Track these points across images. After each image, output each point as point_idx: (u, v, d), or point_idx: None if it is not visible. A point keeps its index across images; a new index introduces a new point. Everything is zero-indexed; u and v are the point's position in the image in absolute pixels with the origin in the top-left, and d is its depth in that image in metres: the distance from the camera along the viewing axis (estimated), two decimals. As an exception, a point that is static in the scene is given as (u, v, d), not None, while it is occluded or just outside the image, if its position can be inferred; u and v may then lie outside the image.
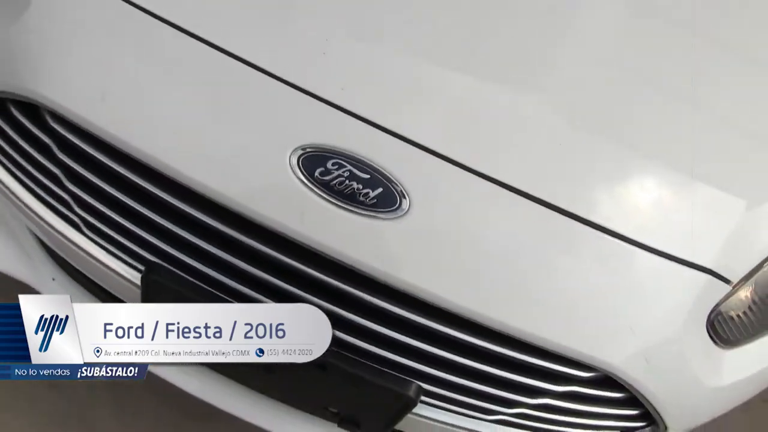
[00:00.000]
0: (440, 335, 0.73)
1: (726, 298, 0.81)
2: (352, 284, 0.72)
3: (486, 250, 0.71)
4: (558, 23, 0.84)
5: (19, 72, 0.72)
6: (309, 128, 0.70)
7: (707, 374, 0.83)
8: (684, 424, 0.88)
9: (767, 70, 0.91)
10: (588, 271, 0.74)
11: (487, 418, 0.85)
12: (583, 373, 0.76)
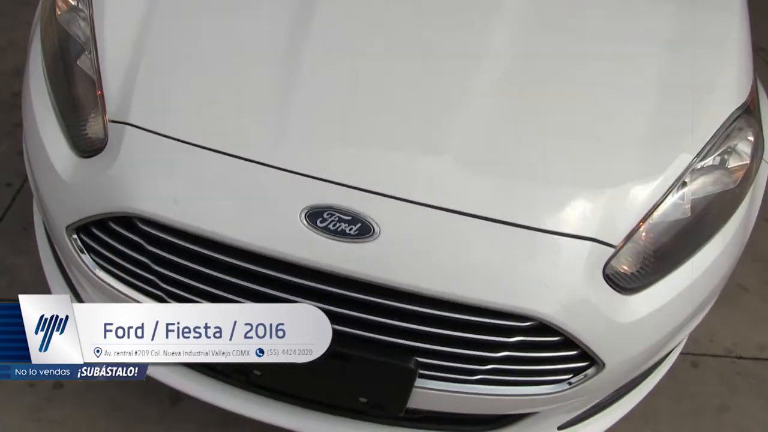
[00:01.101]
0: (412, 313, 1.10)
1: (613, 257, 1.18)
2: (346, 289, 1.09)
3: (433, 247, 1.10)
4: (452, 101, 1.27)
5: (118, 198, 1.14)
6: (308, 196, 1.11)
7: (617, 314, 1.18)
8: (615, 359, 1.21)
9: (606, 100, 1.33)
10: (509, 252, 1.12)
11: (470, 378, 1.19)
12: (522, 323, 1.12)
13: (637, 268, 1.22)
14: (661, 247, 1.25)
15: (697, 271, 1.27)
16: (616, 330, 1.18)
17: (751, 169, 1.40)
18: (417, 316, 1.11)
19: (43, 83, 1.35)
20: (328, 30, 1.31)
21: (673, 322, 1.27)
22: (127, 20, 1.31)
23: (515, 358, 1.17)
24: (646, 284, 1.22)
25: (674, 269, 1.25)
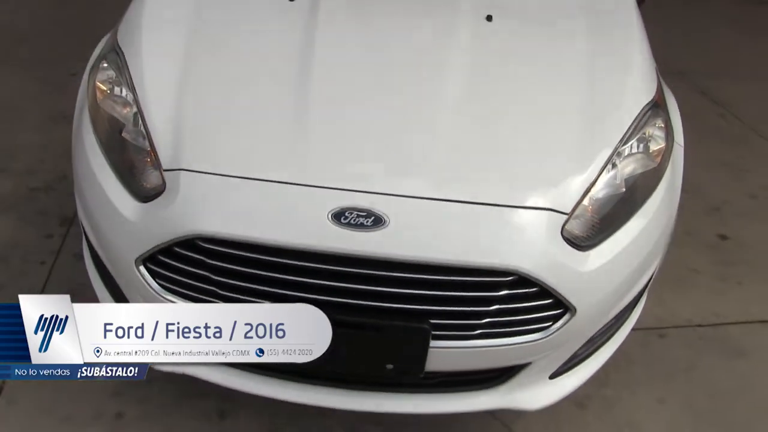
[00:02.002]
0: (422, 281, 1.45)
1: (567, 222, 1.56)
2: (369, 269, 1.44)
3: (430, 227, 1.46)
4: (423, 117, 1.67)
5: (183, 225, 1.47)
6: (331, 202, 1.47)
7: (577, 266, 1.54)
8: (582, 303, 1.56)
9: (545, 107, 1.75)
10: (489, 224, 1.49)
11: (472, 334, 1.53)
12: (505, 278, 1.47)
13: (588, 232, 1.60)
14: (605, 215, 1.63)
15: (635, 231, 1.66)
16: (579, 278, 1.54)
17: (667, 150, 1.82)
18: (425, 283, 1.46)
19: (98, 150, 1.70)
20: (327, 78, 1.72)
21: (625, 270, 1.64)
22: (165, 95, 1.69)
23: (505, 310, 1.51)
24: (598, 242, 1.60)
25: (618, 230, 1.63)
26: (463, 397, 1.70)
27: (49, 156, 3.06)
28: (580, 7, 2.11)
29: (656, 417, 2.09)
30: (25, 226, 2.61)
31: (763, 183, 3.45)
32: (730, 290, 2.67)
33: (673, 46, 5.22)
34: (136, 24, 1.89)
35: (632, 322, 1.93)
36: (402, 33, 1.92)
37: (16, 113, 3.39)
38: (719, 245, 2.94)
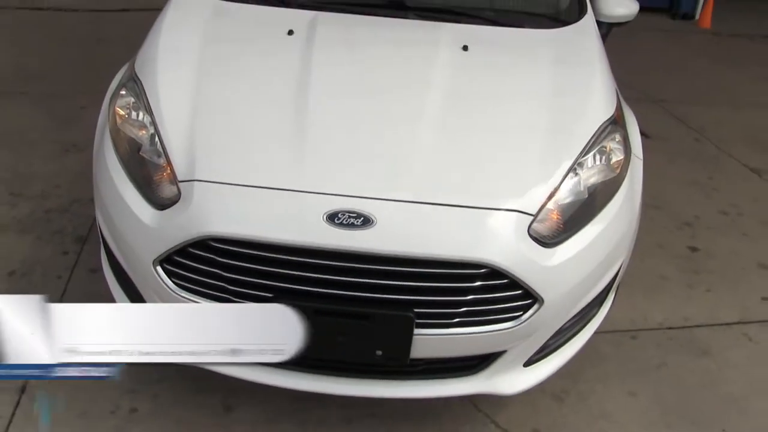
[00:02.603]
0: (407, 274, 1.67)
1: (533, 223, 1.79)
2: (358, 263, 1.66)
3: (413, 226, 1.69)
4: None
5: (197, 227, 1.69)
6: (326, 206, 1.69)
7: (543, 261, 1.76)
8: (549, 294, 1.77)
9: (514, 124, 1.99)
10: (465, 223, 1.71)
11: (452, 322, 1.74)
12: (479, 270, 1.69)
13: (553, 232, 1.82)
14: (568, 218, 1.86)
15: (596, 231, 1.89)
16: (545, 272, 1.76)
17: (625, 161, 2.06)
18: (409, 275, 1.68)
19: (119, 167, 1.93)
20: (322, 100, 1.97)
21: (587, 266, 1.86)
22: (179, 117, 1.93)
23: (480, 300, 1.73)
24: (562, 241, 1.82)
25: (580, 230, 1.86)
26: (446, 383, 1.90)
27: (62, 182, 3.29)
28: (547, 39, 2.37)
29: (628, 409, 2.29)
30: (43, 245, 2.83)
31: (733, 200, 3.69)
32: (699, 296, 2.88)
33: (653, 75, 5.54)
34: (152, 56, 2.14)
35: (600, 319, 2.13)
36: (388, 61, 2.18)
37: (31, 144, 3.62)
38: (690, 256, 3.16)
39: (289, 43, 2.18)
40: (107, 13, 6.10)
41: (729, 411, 2.31)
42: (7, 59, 4.78)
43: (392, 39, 2.31)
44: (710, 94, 5.32)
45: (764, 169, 4.09)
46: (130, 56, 2.54)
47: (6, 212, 3.02)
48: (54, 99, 4.19)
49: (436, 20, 2.38)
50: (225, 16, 2.36)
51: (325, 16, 2.33)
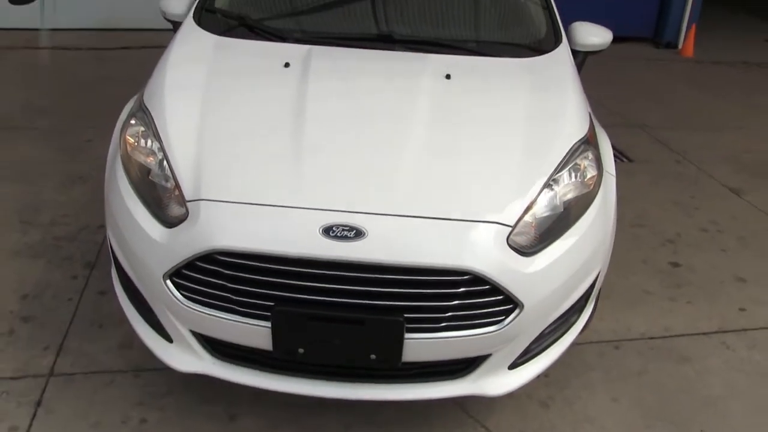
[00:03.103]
0: (397, 281, 1.82)
1: (511, 234, 1.95)
2: (351, 272, 1.82)
3: (401, 237, 1.85)
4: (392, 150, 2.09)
5: (203, 242, 1.85)
6: (321, 220, 1.86)
7: (522, 268, 1.92)
8: (529, 300, 1.93)
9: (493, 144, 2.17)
10: (449, 234, 1.87)
11: (439, 326, 1.89)
12: (463, 277, 1.85)
13: (531, 242, 1.99)
14: (545, 230, 2.03)
15: (571, 241, 2.05)
16: (524, 278, 1.92)
17: (598, 178, 2.23)
18: (399, 283, 1.84)
19: (131, 190, 2.10)
20: (316, 126, 2.15)
21: (563, 274, 2.01)
22: (186, 143, 2.10)
23: (464, 305, 1.88)
24: (539, 250, 1.98)
25: (556, 240, 2.02)
26: (437, 385, 2.04)
27: (70, 211, 3.45)
28: (524, 67, 2.57)
29: (611, 413, 2.42)
30: (53, 270, 2.98)
31: (712, 218, 3.86)
32: (680, 308, 3.03)
33: (637, 102, 5.78)
34: (160, 88, 2.33)
35: (580, 326, 2.28)
36: (377, 90, 2.37)
37: (40, 175, 3.80)
38: (671, 271, 3.32)
39: (286, 75, 2.37)
40: (109, 51, 6.35)
41: (707, 412, 2.45)
42: (15, 96, 4.99)
43: (381, 69, 2.50)
44: (692, 119, 5.55)
45: (743, 189, 4.27)
46: (132, 92, 2.73)
47: (18, 239, 3.18)
48: (61, 133, 4.39)
49: (421, 51, 2.58)
50: (226, 51, 2.56)
51: (319, 50, 2.53)
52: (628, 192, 4.02)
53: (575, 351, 2.65)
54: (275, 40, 2.63)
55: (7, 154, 4.05)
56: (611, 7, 7.56)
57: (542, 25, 2.93)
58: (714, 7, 9.37)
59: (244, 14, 2.81)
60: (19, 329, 2.61)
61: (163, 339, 2.10)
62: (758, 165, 4.67)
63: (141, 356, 2.48)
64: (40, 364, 2.44)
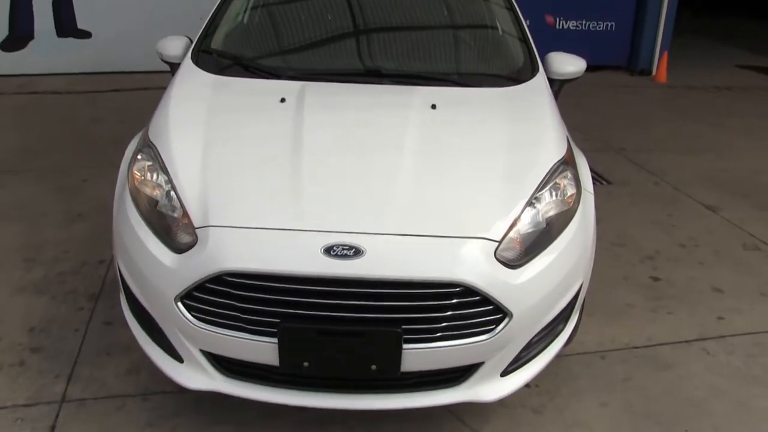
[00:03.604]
0: (396, 295, 1.98)
1: (498, 248, 2.12)
2: (351, 287, 1.97)
3: (398, 254, 2.01)
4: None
5: (213, 265, 2.00)
6: (322, 241, 2.01)
7: (510, 279, 2.08)
8: (517, 309, 2.09)
9: (479, 167, 2.35)
10: (441, 249, 2.04)
11: (434, 336, 2.04)
12: (455, 289, 2.01)
13: (517, 255, 2.15)
14: (529, 244, 2.20)
15: (554, 254, 2.22)
16: (511, 289, 2.08)
17: (577, 195, 2.42)
18: (395, 296, 1.99)
19: (140, 220, 2.25)
20: (314, 155, 2.32)
21: (548, 285, 2.18)
22: (192, 175, 2.26)
23: (457, 315, 2.03)
24: (525, 263, 2.15)
25: (540, 254, 2.19)
26: (434, 393, 2.18)
27: (72, 247, 3.58)
28: (505, 96, 2.78)
29: (600, 417, 2.56)
30: (58, 303, 3.10)
31: (690, 235, 4.06)
32: (661, 319, 3.20)
33: (614, 127, 6.03)
34: (164, 125, 2.50)
35: (566, 335, 2.44)
36: (368, 121, 2.56)
37: (40, 215, 3.94)
38: (652, 285, 3.49)
39: (283, 109, 2.55)
40: (100, 93, 6.54)
41: (690, 413, 2.60)
42: (11, 140, 5.14)
43: (371, 102, 2.70)
44: (667, 141, 5.80)
45: (719, 206, 4.49)
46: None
47: (22, 276, 3.31)
48: (58, 174, 4.54)
49: (407, 84, 2.78)
50: (225, 89, 2.74)
51: (312, 86, 2.72)
52: (608, 213, 4.23)
53: (563, 362, 2.81)
54: (270, 77, 2.82)
55: (6, 195, 4.19)
56: (587, 37, 7.90)
57: (520, 57, 3.15)
58: (687, 35, 9.77)
59: (239, 54, 3.00)
60: (29, 360, 2.72)
61: (174, 360, 2.23)
62: (732, 183, 4.90)
63: (149, 380, 2.61)
64: (52, 391, 2.55)
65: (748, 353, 2.97)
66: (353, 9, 3.26)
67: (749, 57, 9.51)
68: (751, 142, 5.87)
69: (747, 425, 2.56)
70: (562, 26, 7.99)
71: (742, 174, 5.09)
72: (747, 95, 7.56)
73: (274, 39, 3.19)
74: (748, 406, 2.65)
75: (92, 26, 6.96)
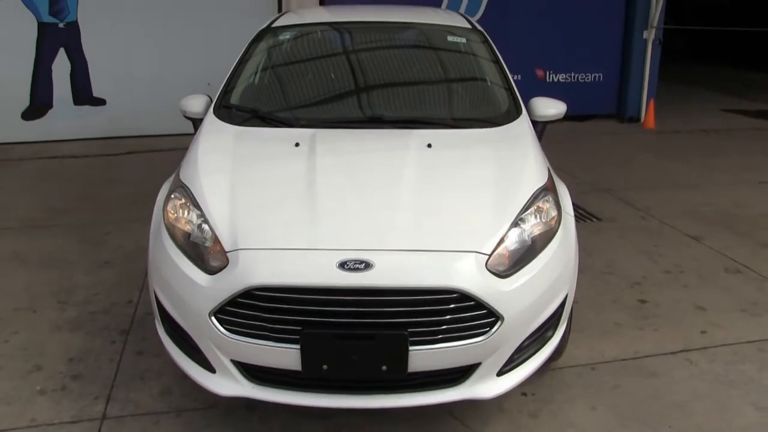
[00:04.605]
0: (402, 303, 2.33)
1: (488, 260, 2.48)
2: (364, 296, 2.33)
3: (404, 266, 2.38)
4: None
5: (243, 282, 2.36)
6: (337, 258, 2.37)
7: (500, 287, 2.44)
8: (508, 313, 2.43)
9: (469, 194, 2.74)
10: (440, 262, 2.40)
11: (436, 338, 2.38)
12: (452, 295, 2.36)
13: (506, 267, 2.52)
14: (516, 260, 2.56)
15: (538, 267, 2.58)
16: (502, 295, 2.42)
17: (558, 216, 2.79)
18: (402, 303, 2.34)
19: (176, 250, 2.62)
20: (326, 190, 2.72)
21: (534, 293, 2.52)
22: (222, 209, 2.64)
23: (455, 319, 2.38)
24: (512, 273, 2.51)
25: (526, 265, 2.55)
26: (437, 392, 2.49)
27: (101, 290, 3.94)
28: (492, 135, 3.21)
29: (590, 419, 2.86)
30: (93, 338, 3.43)
31: (675, 262, 4.41)
32: (648, 335, 3.52)
33: (604, 170, 6.45)
34: (194, 170, 2.90)
35: (555, 342, 2.76)
36: (372, 160, 2.97)
37: (69, 263, 4.31)
38: (639, 307, 3.83)
39: (297, 153, 2.96)
40: (115, 156, 7.00)
41: (674, 413, 2.89)
42: (36, 200, 5.56)
43: (374, 144, 3.11)
44: (654, 180, 6.20)
45: (702, 236, 4.85)
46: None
47: (57, 316, 3.65)
48: (82, 228, 4.93)
49: (405, 128, 3.20)
50: (246, 137, 3.17)
51: (322, 132, 3.15)
52: (597, 246, 4.60)
53: (557, 374, 3.13)
54: (285, 126, 3.25)
55: (36, 247, 4.57)
56: (577, 88, 8.44)
57: (505, 102, 3.58)
58: (675, 83, 10.34)
59: (256, 108, 3.45)
60: (69, 385, 3.04)
61: (207, 371, 2.56)
62: (716, 215, 5.28)
63: (181, 400, 2.93)
64: (92, 410, 2.87)
65: (727, 361, 3.29)
66: (355, 65, 3.72)
67: (735, 101, 10.03)
68: (734, 177, 6.27)
69: (726, 421, 2.85)
70: (552, 79, 8.52)
71: (725, 207, 5.47)
72: (732, 136, 8.02)
73: (286, 94, 3.65)
74: (727, 405, 2.95)
75: (106, 94, 7.48)
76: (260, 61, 3.79)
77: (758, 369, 3.22)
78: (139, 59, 7.38)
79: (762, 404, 2.96)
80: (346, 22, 4.15)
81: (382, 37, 3.99)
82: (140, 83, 7.40)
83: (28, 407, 2.89)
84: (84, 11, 7.17)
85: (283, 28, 4.03)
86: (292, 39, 3.94)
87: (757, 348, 3.41)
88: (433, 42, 3.95)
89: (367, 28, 4.04)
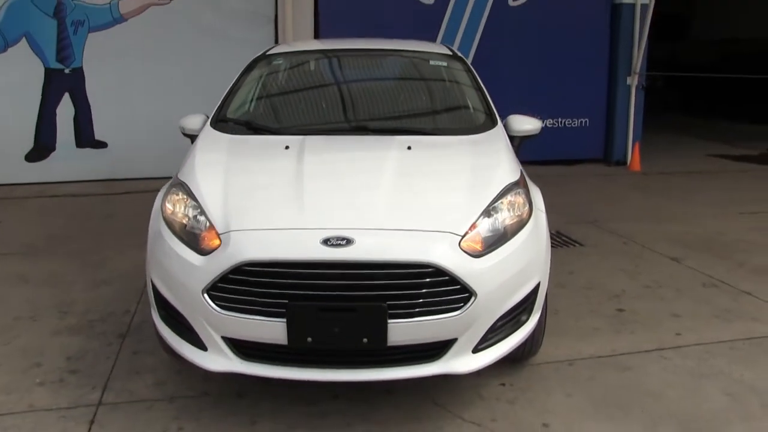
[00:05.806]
0: (381, 276, 2.56)
1: (461, 240, 2.72)
2: (345, 269, 2.56)
3: (382, 243, 2.61)
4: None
5: (234, 258, 2.59)
6: (321, 236, 2.61)
7: (473, 265, 2.66)
8: (481, 290, 2.65)
9: (445, 184, 3.02)
10: (416, 239, 2.65)
11: (413, 311, 2.59)
12: (428, 269, 2.59)
13: (478, 248, 2.75)
14: (489, 245, 2.80)
15: (509, 251, 2.81)
16: (474, 273, 2.64)
17: (529, 209, 3.04)
18: (381, 277, 2.56)
19: (173, 236, 2.86)
20: (313, 180, 2.98)
21: (506, 273, 2.75)
22: (216, 199, 2.90)
23: (431, 293, 2.59)
24: (484, 254, 2.74)
25: (498, 248, 2.79)
26: (417, 367, 2.68)
27: (99, 304, 4.14)
28: (468, 140, 3.49)
29: (565, 404, 3.03)
30: (91, 341, 3.62)
31: (654, 278, 4.63)
32: (624, 337, 3.71)
33: (591, 206, 6.73)
34: (191, 168, 3.18)
35: (529, 326, 2.96)
36: (356, 156, 3.26)
37: (70, 282, 4.52)
38: (617, 315, 4.02)
39: (287, 152, 3.24)
40: (113, 195, 7.29)
41: (646, 399, 3.06)
42: (38, 232, 5.81)
43: (358, 146, 3.40)
44: (638, 214, 6.47)
45: (682, 257, 5.08)
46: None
47: (58, 323, 3.85)
48: (81, 254, 5.16)
49: (388, 135, 3.49)
50: (239, 142, 3.47)
51: (312, 137, 3.44)
52: (579, 267, 4.83)
53: (534, 369, 3.32)
54: (276, 134, 3.55)
55: (39, 269, 4.79)
56: (564, 133, 8.82)
57: (482, 115, 3.89)
58: (663, 131, 10.76)
59: (251, 120, 3.76)
60: (68, 378, 3.22)
61: (199, 349, 2.76)
62: (696, 241, 5.51)
63: (175, 389, 3.10)
64: (89, 398, 3.04)
65: (700, 357, 3.47)
66: (343, 84, 4.08)
67: (721, 147, 10.40)
68: (716, 210, 6.53)
69: (696, 406, 3.02)
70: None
71: (706, 234, 5.71)
72: (716, 177, 8.33)
73: (279, 109, 3.98)
74: (698, 392, 3.13)
75: (108, 137, 7.82)
76: (254, 82, 4.12)
77: (728, 363, 3.41)
78: (141, 104, 7.74)
79: (731, 391, 3.13)
80: (334, 50, 4.52)
81: (368, 62, 4.34)
82: (141, 127, 7.74)
83: (27, 396, 3.06)
84: (89, 57, 7.59)
85: (276, 55, 4.39)
86: (285, 63, 4.30)
87: (728, 347, 3.60)
88: (416, 64, 4.30)
89: (355, 54, 4.40)
